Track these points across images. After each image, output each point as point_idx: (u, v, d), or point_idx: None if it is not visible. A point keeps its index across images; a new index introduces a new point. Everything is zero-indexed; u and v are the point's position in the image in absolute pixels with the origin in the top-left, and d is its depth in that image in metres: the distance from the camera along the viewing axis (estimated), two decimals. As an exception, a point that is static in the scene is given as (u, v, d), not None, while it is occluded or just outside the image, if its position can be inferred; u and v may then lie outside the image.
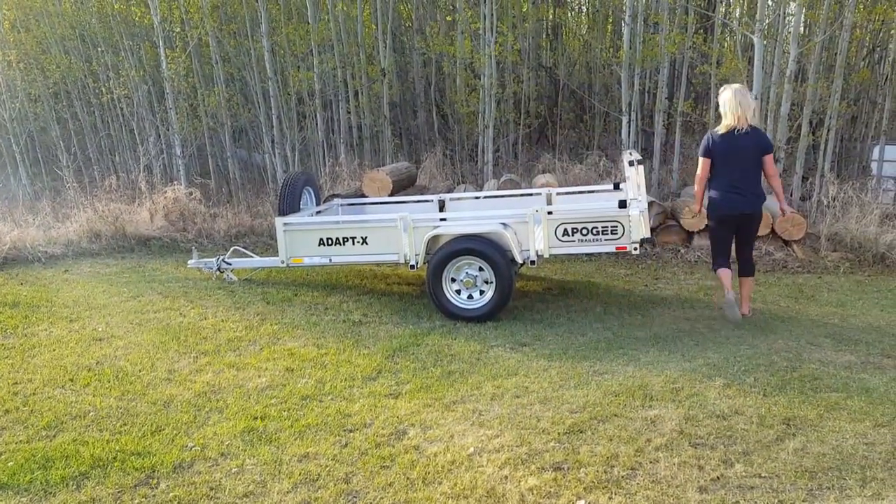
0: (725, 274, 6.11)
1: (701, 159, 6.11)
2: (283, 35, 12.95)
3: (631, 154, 6.28)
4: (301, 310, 6.59)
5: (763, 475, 3.50)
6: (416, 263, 6.38)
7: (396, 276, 7.83)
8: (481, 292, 6.18)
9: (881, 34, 12.35)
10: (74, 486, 3.54)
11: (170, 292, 7.21)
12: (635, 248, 6.05)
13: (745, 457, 3.67)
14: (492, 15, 11.74)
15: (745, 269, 6.32)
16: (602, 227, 6.08)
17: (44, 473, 3.65)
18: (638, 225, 5.96)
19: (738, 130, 5.86)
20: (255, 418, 4.27)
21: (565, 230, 6.12)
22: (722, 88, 6.04)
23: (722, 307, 6.23)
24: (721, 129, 5.99)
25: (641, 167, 6.19)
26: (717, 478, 3.48)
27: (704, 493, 3.36)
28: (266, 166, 13.59)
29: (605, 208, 6.37)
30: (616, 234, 6.06)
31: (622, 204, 6.07)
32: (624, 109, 11.62)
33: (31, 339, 5.81)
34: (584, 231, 6.11)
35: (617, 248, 6.10)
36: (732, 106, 5.85)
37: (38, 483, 3.56)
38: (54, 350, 5.52)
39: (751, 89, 9.93)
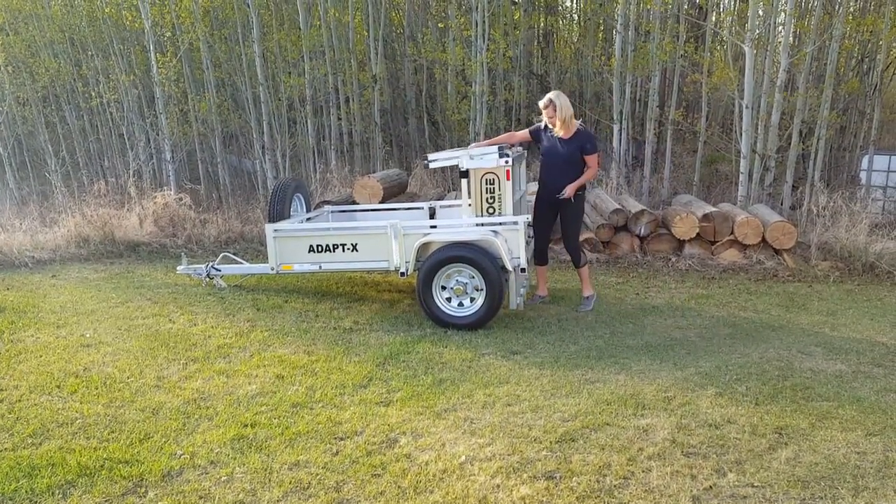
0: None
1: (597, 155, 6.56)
2: (274, 41, 12.93)
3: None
4: (291, 317, 6.55)
5: (755, 484, 3.49)
6: (407, 271, 6.35)
7: (387, 284, 7.80)
8: (472, 300, 6.16)
9: (869, 45, 12.46)
10: (61, 495, 3.49)
11: (159, 298, 7.15)
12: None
13: (738, 466, 3.66)
14: (483, 22, 11.77)
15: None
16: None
17: (29, 482, 3.59)
18: None
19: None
20: (245, 426, 4.22)
21: (557, 238, 6.11)
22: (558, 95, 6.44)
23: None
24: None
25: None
26: (710, 487, 3.47)
27: (697, 502, 3.35)
28: (256, 172, 13.55)
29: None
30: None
31: None
32: (615, 117, 11.66)
33: (18, 345, 5.74)
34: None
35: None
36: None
37: (24, 491, 3.51)
38: (41, 356, 5.45)
39: (741, 98, 10.00)
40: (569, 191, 6.42)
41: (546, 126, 6.56)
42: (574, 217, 6.69)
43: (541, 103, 6.47)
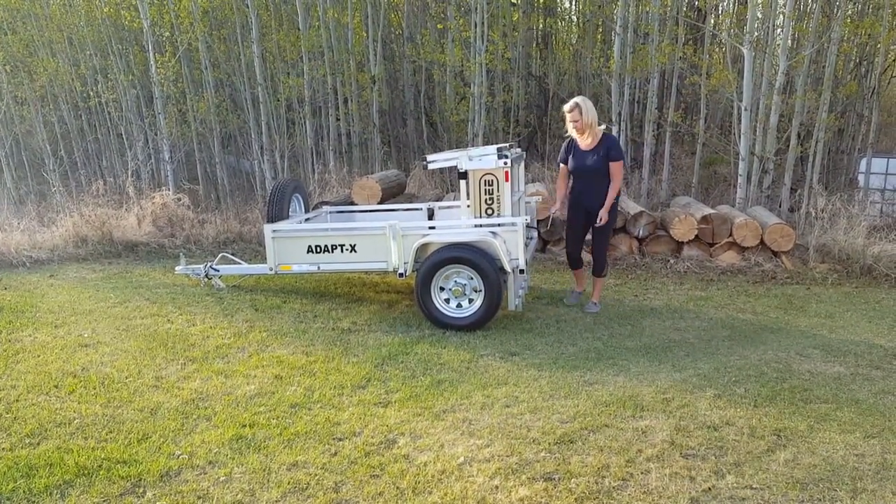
0: None
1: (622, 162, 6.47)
2: (273, 41, 12.93)
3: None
4: (290, 317, 6.54)
5: (754, 486, 3.49)
6: (405, 272, 6.35)
7: (385, 285, 7.79)
8: (470, 301, 6.15)
9: (867, 48, 12.47)
10: (59, 495, 3.48)
11: (157, 298, 7.14)
12: None
13: (737, 468, 3.66)
14: (482, 23, 11.78)
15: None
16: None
17: (27, 482, 3.58)
18: None
19: None
20: (244, 426, 4.22)
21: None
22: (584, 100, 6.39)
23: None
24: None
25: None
26: (709, 489, 3.47)
27: (696, 504, 3.35)
28: (255, 173, 13.54)
29: None
30: None
31: None
32: (614, 119, 11.65)
33: (15, 344, 5.73)
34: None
35: None
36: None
37: (21, 492, 3.50)
38: (39, 356, 5.44)
39: (740, 100, 10.01)
40: (604, 215, 6.40)
41: (570, 143, 6.52)
42: (605, 226, 6.52)
43: (566, 107, 6.36)
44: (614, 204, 6.50)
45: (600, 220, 6.39)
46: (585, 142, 6.39)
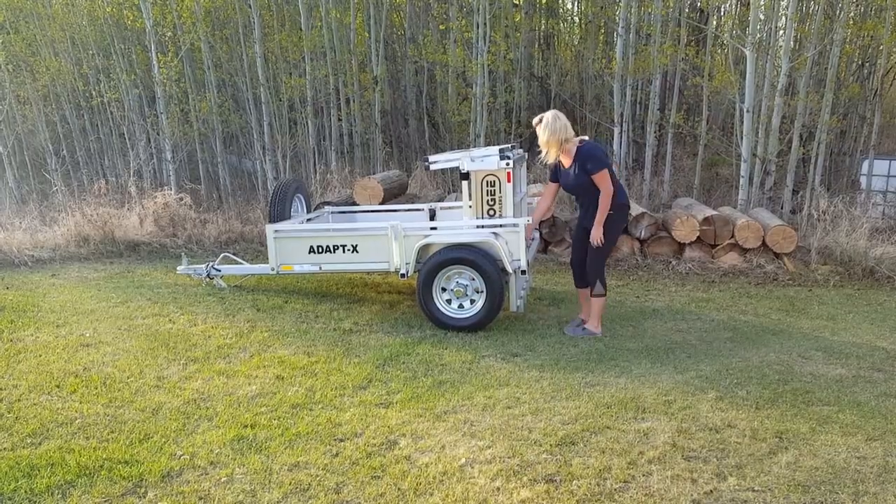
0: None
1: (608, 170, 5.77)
2: (275, 41, 12.94)
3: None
4: (291, 317, 6.54)
5: (756, 489, 3.48)
6: (407, 272, 6.34)
7: (387, 285, 7.79)
8: (472, 302, 6.15)
9: (870, 49, 12.47)
10: (60, 495, 3.48)
11: (159, 298, 7.15)
12: None
13: (738, 470, 3.66)
14: (484, 24, 11.78)
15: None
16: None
17: (28, 482, 3.58)
18: None
19: None
20: (245, 426, 4.21)
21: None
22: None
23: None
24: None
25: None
26: (711, 491, 3.46)
27: (698, 506, 3.35)
28: (257, 173, 13.55)
29: None
30: None
31: None
32: (616, 120, 11.65)
33: (17, 344, 5.73)
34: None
35: None
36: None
37: (23, 492, 3.50)
38: (40, 356, 5.44)
39: (742, 102, 10.00)
40: (595, 235, 5.77)
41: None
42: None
43: (535, 122, 5.82)
44: (611, 218, 5.78)
45: (593, 241, 5.79)
46: (556, 158, 5.81)
